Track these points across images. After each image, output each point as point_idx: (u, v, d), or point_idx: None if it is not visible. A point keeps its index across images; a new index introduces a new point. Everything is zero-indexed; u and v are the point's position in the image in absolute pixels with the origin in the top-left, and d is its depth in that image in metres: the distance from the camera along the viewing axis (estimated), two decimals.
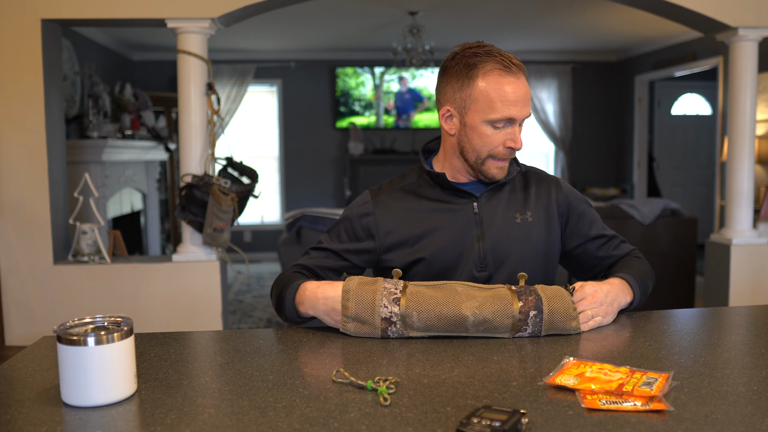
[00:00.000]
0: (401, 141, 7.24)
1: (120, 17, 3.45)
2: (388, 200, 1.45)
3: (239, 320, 4.63)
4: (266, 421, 0.86)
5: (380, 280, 1.23)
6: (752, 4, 3.63)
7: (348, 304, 1.21)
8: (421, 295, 1.20)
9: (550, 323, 1.19)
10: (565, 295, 1.23)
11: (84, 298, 3.53)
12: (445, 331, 1.19)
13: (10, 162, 3.47)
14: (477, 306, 1.18)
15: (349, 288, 1.22)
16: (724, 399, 0.91)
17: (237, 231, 6.97)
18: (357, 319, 1.20)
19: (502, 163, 1.39)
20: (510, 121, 1.36)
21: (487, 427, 0.79)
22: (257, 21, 5.21)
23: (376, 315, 1.19)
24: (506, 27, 5.99)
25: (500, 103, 1.33)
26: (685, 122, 7.58)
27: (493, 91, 1.33)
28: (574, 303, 1.22)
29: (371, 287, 1.21)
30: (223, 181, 3.41)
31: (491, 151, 1.38)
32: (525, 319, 1.18)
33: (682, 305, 4.17)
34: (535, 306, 1.19)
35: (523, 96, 1.35)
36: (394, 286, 1.22)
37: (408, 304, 1.18)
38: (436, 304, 1.19)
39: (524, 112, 1.36)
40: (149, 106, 5.73)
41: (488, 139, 1.37)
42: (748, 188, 3.77)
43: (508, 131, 1.37)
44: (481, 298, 1.20)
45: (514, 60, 1.35)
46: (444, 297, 1.20)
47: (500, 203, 1.44)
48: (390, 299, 1.19)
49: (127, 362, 0.94)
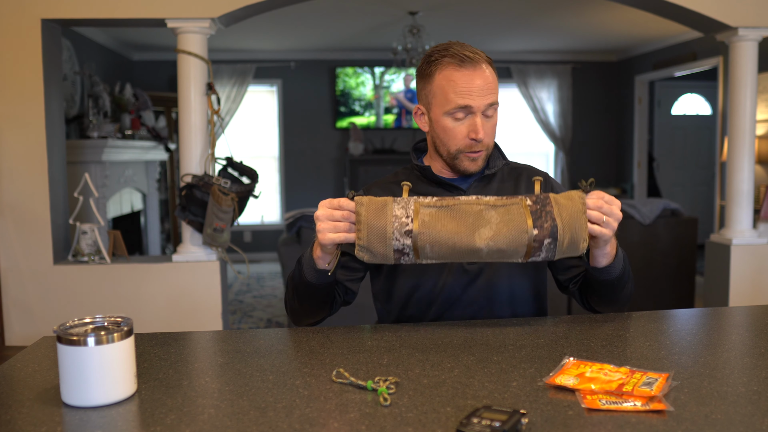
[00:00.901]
0: (401, 141, 7.24)
1: (120, 17, 3.45)
2: (379, 193, 1.47)
3: (239, 320, 4.63)
4: (266, 421, 0.86)
5: (389, 203, 1.19)
6: (752, 4, 3.63)
7: (360, 234, 1.18)
8: (434, 227, 1.17)
9: (562, 250, 1.18)
10: (581, 216, 1.18)
11: (84, 298, 3.53)
12: (458, 260, 1.20)
13: (10, 162, 3.47)
14: (491, 236, 1.16)
15: (360, 213, 1.19)
16: (724, 399, 0.91)
17: (237, 231, 6.97)
18: (369, 249, 1.19)
19: (472, 155, 1.40)
20: (466, 110, 1.36)
21: (487, 427, 0.79)
22: (257, 21, 5.21)
23: (389, 248, 1.18)
24: (506, 27, 5.99)
25: (453, 93, 1.35)
26: (685, 122, 7.58)
27: (447, 83, 1.36)
28: (587, 222, 1.19)
29: (382, 216, 1.18)
30: (223, 181, 3.42)
31: (458, 145, 1.39)
32: (539, 246, 1.17)
33: (682, 305, 4.17)
34: (551, 234, 1.16)
35: (479, 86, 1.35)
36: (405, 213, 1.18)
37: (420, 237, 1.17)
38: (448, 235, 1.16)
39: (481, 101, 1.35)
40: (149, 106, 5.73)
41: (451, 132, 1.38)
42: (748, 188, 3.77)
43: (469, 122, 1.37)
44: (496, 225, 1.17)
45: (470, 53, 1.35)
46: (457, 227, 1.17)
47: (489, 196, 1.44)
48: (402, 231, 1.17)
49: (127, 362, 0.94)
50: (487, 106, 1.36)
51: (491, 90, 1.37)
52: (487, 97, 1.36)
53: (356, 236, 1.18)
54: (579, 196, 1.19)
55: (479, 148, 1.39)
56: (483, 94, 1.35)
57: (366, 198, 1.21)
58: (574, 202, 1.18)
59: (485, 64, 1.37)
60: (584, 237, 1.18)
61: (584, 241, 1.18)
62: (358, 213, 1.19)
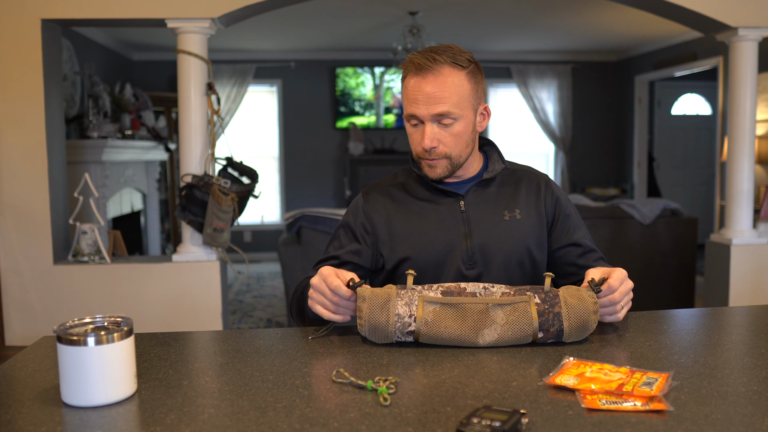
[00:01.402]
0: (401, 141, 7.24)
1: (120, 17, 3.45)
2: (378, 197, 1.47)
3: (239, 320, 4.63)
4: (266, 421, 0.86)
5: (392, 299, 1.15)
6: (752, 4, 3.63)
7: (361, 322, 1.16)
8: (436, 327, 1.14)
9: (569, 337, 1.17)
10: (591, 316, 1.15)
11: (84, 298, 3.53)
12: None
13: (10, 162, 3.47)
14: (494, 340, 1.14)
15: (362, 309, 1.16)
16: (724, 399, 0.91)
17: (237, 231, 6.97)
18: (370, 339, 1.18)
19: (429, 161, 1.39)
20: (417, 119, 1.36)
21: (487, 427, 0.79)
22: (257, 21, 5.21)
23: (389, 340, 1.17)
24: (506, 27, 5.99)
25: (406, 101, 1.36)
26: (685, 122, 7.58)
27: (404, 89, 1.38)
28: (597, 313, 1.16)
29: (384, 313, 1.14)
30: (223, 181, 3.42)
31: (416, 150, 1.40)
32: (545, 338, 1.16)
33: (682, 305, 4.17)
34: (556, 336, 1.15)
35: (426, 94, 1.32)
36: (408, 312, 1.14)
37: (422, 336, 1.14)
38: (451, 336, 1.13)
39: (428, 110, 1.32)
40: (149, 106, 5.73)
41: (411, 138, 1.40)
42: (748, 188, 3.77)
43: (421, 130, 1.37)
44: (500, 327, 1.13)
45: (428, 59, 1.32)
46: (460, 328, 1.13)
47: (488, 201, 1.44)
48: (404, 331, 1.15)
49: (127, 362, 0.94)
50: (434, 116, 1.33)
51: (442, 98, 1.32)
52: (434, 106, 1.32)
53: (358, 324, 1.17)
54: (590, 296, 1.17)
55: (433, 156, 1.37)
56: (429, 103, 1.32)
57: (368, 291, 1.17)
58: (585, 303, 1.15)
59: (444, 69, 1.32)
60: (591, 329, 1.17)
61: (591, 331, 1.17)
62: (359, 308, 1.16)
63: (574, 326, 1.14)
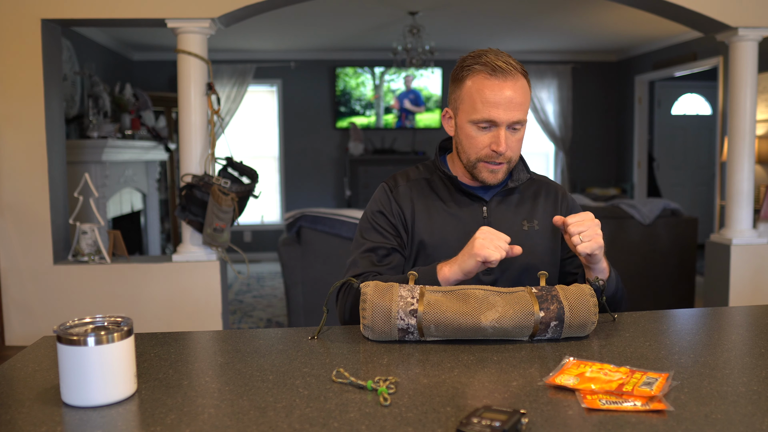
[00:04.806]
0: (401, 141, 7.24)
1: (120, 17, 3.45)
2: (404, 190, 1.48)
3: (239, 320, 4.63)
4: (266, 421, 0.86)
5: (395, 287, 1.20)
6: (752, 4, 3.63)
7: (365, 313, 1.18)
8: (439, 307, 1.15)
9: (569, 329, 1.18)
10: (589, 299, 1.18)
11: (84, 298, 3.53)
12: (463, 338, 1.18)
13: (10, 162, 3.47)
14: (497, 318, 1.15)
15: (365, 293, 1.19)
16: (724, 399, 0.91)
17: (237, 231, 6.97)
18: (372, 328, 1.18)
19: (492, 166, 1.39)
20: (491, 123, 1.35)
21: (487, 427, 0.79)
22: (257, 21, 5.21)
23: (393, 326, 1.17)
24: (506, 27, 5.99)
25: (481, 104, 1.35)
26: (685, 122, 7.58)
27: (476, 92, 1.35)
28: (596, 305, 1.19)
29: (387, 296, 1.18)
30: (223, 181, 3.42)
31: (478, 154, 1.39)
32: (545, 328, 1.16)
33: (682, 305, 4.17)
34: (557, 316, 1.16)
35: (506, 99, 1.33)
36: (411, 294, 1.18)
37: (425, 317, 1.15)
38: (454, 315, 1.15)
39: (507, 116, 1.34)
40: (149, 106, 5.73)
41: (474, 140, 1.38)
42: (748, 188, 3.77)
43: (493, 133, 1.37)
44: (501, 308, 1.15)
45: (504, 64, 1.34)
46: (462, 308, 1.15)
47: (509, 209, 1.46)
48: (407, 311, 1.16)
49: (127, 362, 0.94)
50: (512, 122, 1.35)
51: (519, 105, 1.35)
52: (513, 112, 1.34)
53: (361, 315, 1.18)
54: (586, 285, 1.22)
55: (500, 161, 1.38)
56: (509, 108, 1.34)
57: (372, 282, 1.22)
58: (581, 288, 1.21)
59: (519, 75, 1.35)
60: (592, 320, 1.18)
61: (592, 323, 1.18)
62: (363, 294, 1.18)
63: (573, 305, 1.16)
